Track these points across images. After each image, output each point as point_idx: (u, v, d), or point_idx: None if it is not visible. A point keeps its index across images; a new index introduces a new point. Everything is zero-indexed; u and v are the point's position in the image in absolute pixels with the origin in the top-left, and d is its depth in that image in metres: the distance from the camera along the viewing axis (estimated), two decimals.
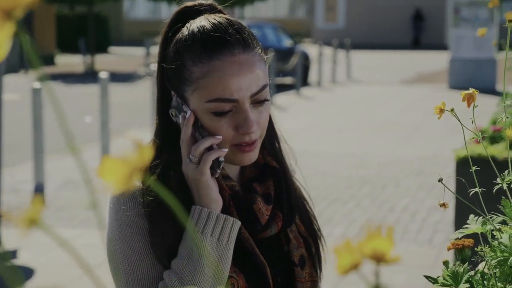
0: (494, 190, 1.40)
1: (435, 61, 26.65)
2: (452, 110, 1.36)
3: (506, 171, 1.41)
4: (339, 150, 10.21)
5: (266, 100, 1.46)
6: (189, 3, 1.53)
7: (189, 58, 1.44)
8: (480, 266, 1.48)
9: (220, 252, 1.41)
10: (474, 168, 1.44)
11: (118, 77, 20.06)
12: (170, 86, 1.49)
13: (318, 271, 1.60)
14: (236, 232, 1.43)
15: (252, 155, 1.47)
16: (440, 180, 1.48)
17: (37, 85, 8.50)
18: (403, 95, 16.98)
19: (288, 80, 18.97)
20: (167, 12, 46.52)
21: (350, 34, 36.33)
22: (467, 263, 1.45)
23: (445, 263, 1.51)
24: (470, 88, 1.44)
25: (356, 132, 11.82)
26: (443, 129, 11.74)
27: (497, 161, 4.22)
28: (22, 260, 5.83)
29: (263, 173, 1.55)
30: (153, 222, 1.43)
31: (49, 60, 26.26)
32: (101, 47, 30.21)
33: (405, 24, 39.81)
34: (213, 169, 1.44)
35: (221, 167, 1.45)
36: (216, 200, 1.43)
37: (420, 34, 39.34)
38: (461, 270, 1.44)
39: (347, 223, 6.73)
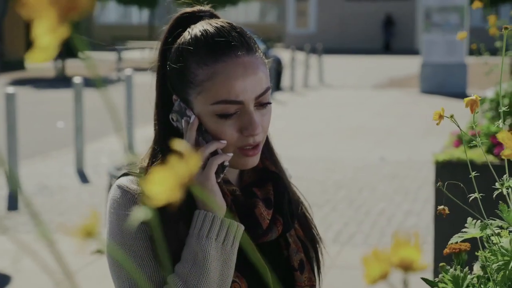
0: (494, 195, 1.42)
1: (406, 66, 26.84)
2: (451, 116, 1.37)
3: (504, 176, 1.42)
4: (313, 155, 10.24)
5: (269, 103, 1.48)
6: (188, 9, 1.54)
7: (194, 61, 1.45)
8: (475, 268, 1.50)
9: (225, 257, 1.41)
10: (473, 173, 1.44)
11: (90, 82, 19.93)
12: (173, 90, 1.49)
13: (317, 276, 1.60)
14: (240, 237, 1.43)
15: (255, 159, 1.48)
16: (439, 186, 1.48)
17: (10, 90, 8.42)
18: (375, 99, 17.09)
19: None
20: (137, 17, 46.30)
21: (322, 39, 36.50)
22: (467, 267, 1.46)
23: (442, 268, 1.51)
24: (470, 94, 1.45)
25: (330, 137, 11.87)
26: (416, 134, 11.83)
27: (476, 165, 4.25)
28: None
29: (262, 178, 1.56)
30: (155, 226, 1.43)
31: (19, 65, 26.01)
32: (71, 52, 29.94)
33: (376, 29, 40.07)
34: (217, 173, 1.44)
35: (225, 171, 1.45)
36: (220, 205, 1.43)
37: (391, 39, 39.64)
38: (462, 274, 1.45)
39: (324, 227, 6.75)
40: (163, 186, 0.58)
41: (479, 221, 1.47)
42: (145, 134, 11.58)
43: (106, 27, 43.78)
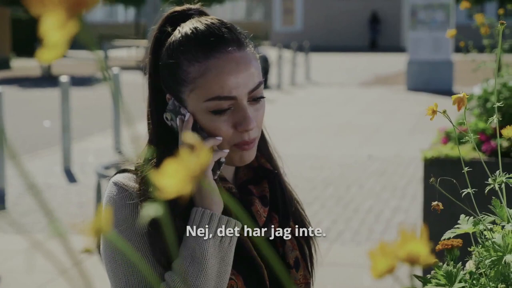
0: (486, 191, 1.42)
1: (392, 63, 26.92)
2: (444, 111, 1.38)
3: (497, 172, 1.42)
4: (301, 152, 10.25)
5: (262, 97, 1.48)
6: (178, 8, 1.54)
7: (185, 58, 1.45)
8: (467, 265, 1.50)
9: (222, 254, 1.42)
10: (466, 168, 1.45)
11: (76, 81, 19.86)
12: (165, 89, 1.49)
13: (311, 273, 1.60)
14: (237, 234, 1.43)
15: (251, 153, 1.48)
16: (432, 181, 1.49)
17: None
18: (362, 97, 17.12)
19: None
20: (123, 15, 46.11)
21: (308, 37, 36.53)
22: (460, 263, 1.46)
23: (435, 264, 1.52)
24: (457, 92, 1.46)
25: (317, 134, 11.88)
26: (403, 131, 11.86)
27: (464, 162, 4.27)
28: None
29: (257, 175, 1.56)
30: (152, 224, 1.43)
31: (4, 64, 25.87)
32: None
33: (362, 27, 40.14)
34: (213, 170, 1.44)
35: (221, 168, 1.45)
36: (217, 202, 1.43)
37: (377, 36, 39.71)
38: (455, 270, 1.45)
39: (312, 224, 6.74)
40: (175, 178, 0.58)
41: (472, 217, 1.48)
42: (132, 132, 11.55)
43: (92, 25, 43.63)
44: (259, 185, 1.55)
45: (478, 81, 4.74)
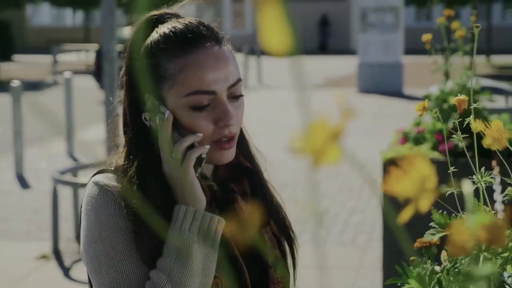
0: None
1: (343, 66, 27.15)
2: (435, 112, 1.40)
3: (483, 169, 1.44)
4: None
5: (241, 95, 1.48)
6: (156, 12, 1.55)
7: (164, 56, 1.46)
8: (442, 255, 1.52)
9: (207, 250, 1.42)
10: (452, 169, 1.47)
11: (26, 86, 19.54)
12: (143, 89, 1.49)
13: (292, 273, 1.61)
14: (221, 231, 1.43)
15: (231, 153, 1.49)
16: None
17: None
18: (314, 99, 17.21)
19: None
20: (71, 19, 45.46)
21: (258, 40, 36.63)
22: (436, 263, 1.48)
23: (413, 262, 1.53)
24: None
25: (271, 137, 11.91)
26: (357, 132, 11.98)
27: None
28: None
29: (237, 173, 1.57)
30: (137, 222, 1.42)
31: None
32: (5, 55, 29.34)
33: (312, 30, 40.41)
34: (194, 167, 1.45)
35: (202, 164, 1.45)
36: (200, 199, 1.44)
37: (326, 39, 40.01)
38: (429, 272, 1.46)
39: None
40: (313, 143, 0.55)
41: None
42: (85, 137, 11.43)
43: (40, 29, 43.03)
44: (239, 183, 1.56)
45: (427, 82, 4.81)
